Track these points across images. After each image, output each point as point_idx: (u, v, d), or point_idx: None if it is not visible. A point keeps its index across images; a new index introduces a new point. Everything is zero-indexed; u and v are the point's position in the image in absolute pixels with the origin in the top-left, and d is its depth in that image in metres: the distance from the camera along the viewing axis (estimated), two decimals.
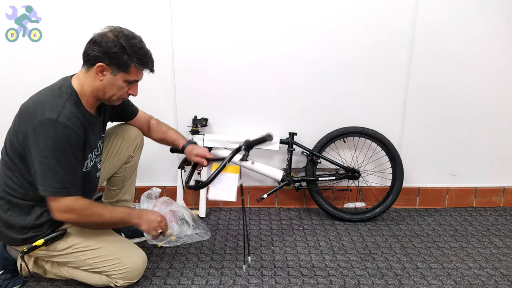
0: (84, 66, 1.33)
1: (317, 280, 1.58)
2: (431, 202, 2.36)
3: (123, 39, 1.29)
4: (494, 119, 2.26)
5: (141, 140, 1.79)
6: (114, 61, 1.29)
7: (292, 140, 2.14)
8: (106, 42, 1.28)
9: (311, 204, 2.29)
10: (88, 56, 1.30)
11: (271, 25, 2.09)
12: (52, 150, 1.22)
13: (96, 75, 1.31)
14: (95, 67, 1.29)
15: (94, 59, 1.29)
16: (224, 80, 2.16)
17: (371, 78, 2.17)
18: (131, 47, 1.30)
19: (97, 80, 1.32)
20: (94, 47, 1.28)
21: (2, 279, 1.45)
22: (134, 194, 1.87)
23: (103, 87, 1.34)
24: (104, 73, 1.31)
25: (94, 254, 1.40)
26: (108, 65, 1.30)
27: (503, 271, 1.67)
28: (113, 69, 1.31)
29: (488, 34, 2.13)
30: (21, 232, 1.33)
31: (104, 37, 1.29)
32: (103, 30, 1.32)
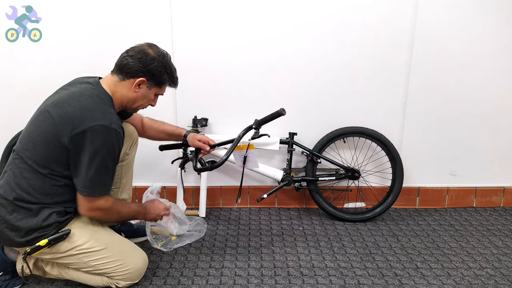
0: (118, 75, 1.40)
1: (317, 280, 1.58)
2: (431, 202, 2.36)
3: (164, 60, 1.42)
4: (494, 119, 2.26)
5: (136, 137, 1.78)
6: (155, 78, 1.42)
7: (292, 140, 2.14)
8: (152, 61, 1.38)
9: (311, 204, 2.29)
10: (130, 69, 1.38)
11: (271, 25, 2.09)
12: (104, 156, 1.30)
13: (133, 87, 1.40)
14: (135, 80, 1.39)
15: (135, 73, 1.38)
16: (224, 80, 2.16)
17: (371, 78, 2.17)
18: (170, 68, 1.45)
19: (131, 91, 1.41)
20: (138, 63, 1.37)
21: (2, 280, 1.45)
22: (131, 192, 1.86)
23: (136, 99, 1.44)
24: (141, 86, 1.41)
25: (97, 255, 1.40)
26: (148, 80, 1.41)
27: (503, 271, 1.67)
28: (150, 84, 1.43)
29: (488, 34, 2.13)
30: (25, 234, 1.32)
31: (148, 55, 1.38)
32: (141, 46, 1.41)
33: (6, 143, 2.15)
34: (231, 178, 2.31)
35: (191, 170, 2.22)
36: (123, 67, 1.39)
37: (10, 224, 1.31)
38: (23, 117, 2.16)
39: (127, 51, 1.41)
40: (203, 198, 2.16)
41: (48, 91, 2.12)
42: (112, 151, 1.32)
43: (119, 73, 1.40)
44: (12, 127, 2.15)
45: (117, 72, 1.40)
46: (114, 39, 2.09)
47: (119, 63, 1.40)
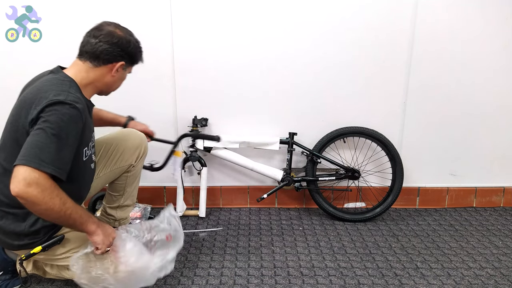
0: (93, 62, 1.33)
1: (317, 280, 1.58)
2: (431, 202, 2.36)
3: (135, 38, 1.38)
4: (494, 119, 2.26)
5: (144, 149, 1.75)
6: (132, 59, 1.39)
7: (292, 140, 2.14)
8: (129, 43, 1.35)
9: (311, 204, 2.29)
10: (109, 55, 1.32)
11: (271, 25, 2.09)
12: (53, 127, 1.16)
13: (110, 72, 1.35)
14: (116, 64, 1.34)
15: (114, 58, 1.34)
16: (224, 80, 2.16)
17: (371, 78, 2.17)
18: (140, 46, 1.41)
19: (109, 76, 1.36)
20: (116, 48, 1.32)
21: (2, 280, 1.45)
22: (136, 198, 1.85)
23: (114, 82, 1.41)
24: (119, 70, 1.37)
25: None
26: (127, 62, 1.38)
27: (503, 271, 1.67)
28: (126, 66, 1.40)
29: (488, 34, 2.13)
30: (17, 238, 1.31)
31: (123, 38, 1.34)
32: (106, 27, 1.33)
33: None
34: (231, 178, 2.31)
35: (191, 170, 2.23)
36: (100, 54, 1.31)
37: (2, 229, 1.31)
38: None
39: (96, 36, 1.31)
40: (203, 198, 2.16)
41: None
42: (66, 126, 1.18)
43: (94, 60, 1.32)
44: None
45: (90, 59, 1.32)
46: None
47: (94, 50, 1.31)
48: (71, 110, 1.19)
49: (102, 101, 2.13)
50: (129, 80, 2.10)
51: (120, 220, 1.79)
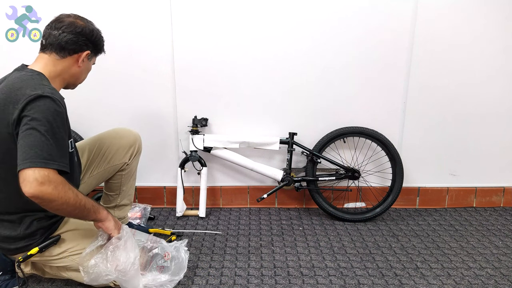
0: (59, 53, 1.31)
1: (317, 280, 1.58)
2: (431, 202, 2.36)
3: (96, 27, 1.39)
4: (494, 119, 2.26)
5: (138, 147, 1.74)
6: (96, 48, 1.40)
7: (292, 140, 2.14)
8: (92, 32, 1.36)
9: (311, 204, 2.29)
10: (75, 44, 1.32)
11: (271, 25, 2.09)
12: (43, 124, 1.15)
13: (77, 63, 1.35)
14: (82, 54, 1.34)
15: (80, 48, 1.34)
16: (224, 80, 2.16)
17: (371, 78, 2.17)
18: (100, 33, 1.42)
19: (75, 67, 1.35)
20: (81, 37, 1.33)
21: (1, 280, 1.45)
22: (133, 197, 1.85)
23: (80, 73, 1.40)
24: (84, 59, 1.37)
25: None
26: (92, 51, 1.38)
27: (503, 271, 1.67)
28: (91, 55, 1.40)
29: (488, 34, 2.13)
30: (13, 242, 1.32)
31: (85, 27, 1.34)
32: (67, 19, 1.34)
33: None
34: (231, 178, 2.31)
35: (192, 170, 2.23)
36: (65, 44, 1.30)
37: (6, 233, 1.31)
38: None
39: (58, 28, 1.30)
40: (203, 198, 2.16)
41: None
42: (54, 120, 1.18)
43: (60, 51, 1.31)
44: None
45: (55, 50, 1.31)
46: (114, 39, 2.08)
47: (58, 41, 1.30)
48: (53, 103, 1.18)
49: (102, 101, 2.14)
50: (129, 80, 2.12)
51: (120, 219, 1.80)
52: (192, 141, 2.11)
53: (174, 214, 2.20)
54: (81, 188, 1.60)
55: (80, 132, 2.09)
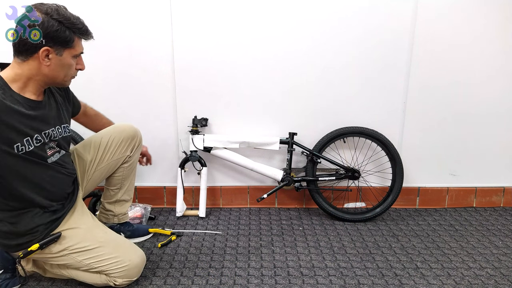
0: (19, 57, 1.23)
1: (317, 280, 1.58)
2: (431, 202, 2.36)
3: (56, 14, 1.21)
4: (494, 119, 2.26)
5: (139, 140, 1.78)
6: (57, 40, 1.22)
7: (292, 140, 2.14)
8: (42, 24, 1.19)
9: (311, 204, 2.29)
10: (26, 45, 1.19)
11: (271, 24, 2.09)
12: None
13: (42, 61, 1.22)
14: (38, 53, 1.21)
15: (34, 46, 1.20)
16: (224, 79, 2.16)
17: (371, 78, 2.17)
18: (68, 20, 1.23)
19: (43, 67, 1.24)
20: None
21: (2, 279, 1.45)
22: (133, 194, 1.86)
23: (53, 71, 1.26)
24: (50, 56, 1.23)
25: (91, 254, 1.40)
26: (52, 46, 1.22)
27: (503, 271, 1.67)
28: (58, 49, 1.24)
29: (488, 34, 2.13)
30: (15, 238, 1.32)
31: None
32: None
33: None
34: (231, 178, 2.31)
35: (191, 170, 2.23)
36: (18, 47, 1.21)
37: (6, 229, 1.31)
38: None
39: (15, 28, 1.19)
40: (203, 198, 2.16)
41: None
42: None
43: (19, 54, 1.23)
44: None
45: (16, 55, 1.24)
46: (114, 39, 2.09)
47: (13, 44, 1.21)
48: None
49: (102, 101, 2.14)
50: (129, 80, 2.12)
51: (119, 216, 1.82)
52: (192, 141, 2.11)
53: (174, 214, 2.20)
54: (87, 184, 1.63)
55: (79, 131, 2.10)
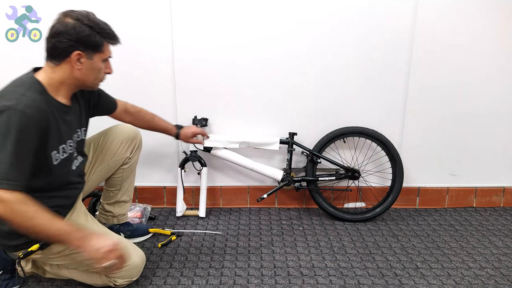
0: (52, 61, 1.27)
1: (317, 280, 1.58)
2: (431, 202, 2.36)
3: (88, 21, 1.25)
4: (494, 119, 2.26)
5: (139, 142, 1.78)
6: (88, 44, 1.25)
7: (292, 140, 2.14)
8: (74, 29, 1.22)
9: (311, 204, 2.29)
10: (59, 50, 1.23)
11: (271, 24, 2.09)
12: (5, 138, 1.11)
13: (74, 65, 1.26)
14: (71, 57, 1.24)
15: (66, 50, 1.24)
16: (224, 79, 2.16)
17: (371, 78, 2.17)
18: (97, 25, 1.27)
19: (75, 70, 1.27)
20: (62, 39, 1.22)
21: (2, 279, 1.45)
22: (132, 194, 1.86)
23: (84, 75, 1.29)
24: (81, 60, 1.26)
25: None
26: (84, 50, 1.25)
27: (503, 271, 1.67)
28: (89, 53, 1.27)
29: (488, 34, 2.13)
30: (15, 238, 1.31)
31: (67, 24, 1.22)
32: (58, 18, 1.25)
33: None
34: (231, 178, 2.31)
35: (192, 170, 2.23)
36: (51, 51, 1.25)
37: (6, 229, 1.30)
38: None
39: (48, 33, 1.25)
40: (203, 198, 2.16)
41: None
42: (15, 135, 1.12)
43: (52, 59, 1.26)
44: None
45: (49, 59, 1.27)
46: None
47: (47, 49, 1.26)
48: (21, 116, 1.13)
49: None
50: (129, 80, 2.12)
51: (118, 217, 1.82)
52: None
53: (174, 214, 2.20)
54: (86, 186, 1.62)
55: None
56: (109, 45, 1.34)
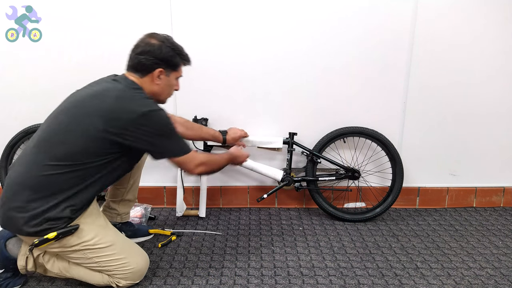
0: (137, 74, 1.44)
1: (317, 280, 1.58)
2: (431, 202, 2.36)
3: (170, 43, 1.46)
4: (494, 119, 2.26)
5: None
6: (169, 64, 1.46)
7: (292, 140, 2.14)
8: (160, 49, 1.42)
9: (311, 204, 2.29)
10: (144, 66, 1.42)
11: (271, 25, 2.09)
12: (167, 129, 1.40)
13: (154, 80, 1.45)
14: (154, 73, 1.43)
15: (151, 67, 1.43)
16: (224, 80, 2.16)
17: (371, 78, 2.17)
18: (177, 48, 1.48)
19: (154, 85, 1.46)
20: (148, 57, 1.41)
21: (3, 278, 1.45)
22: (137, 194, 1.86)
23: (161, 89, 1.49)
24: (161, 77, 1.45)
25: (102, 252, 1.40)
26: (165, 68, 1.45)
27: (503, 271, 1.67)
28: (168, 71, 1.47)
29: (488, 34, 2.13)
30: (37, 224, 1.30)
31: (154, 45, 1.42)
32: (143, 39, 1.46)
33: (6, 143, 2.15)
34: (231, 178, 2.31)
35: None
36: (137, 66, 1.43)
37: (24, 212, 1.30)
38: (23, 117, 2.17)
39: (134, 50, 1.44)
40: (203, 198, 2.16)
41: (48, 91, 2.13)
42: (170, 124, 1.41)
43: (136, 72, 1.44)
44: (12, 127, 2.15)
45: (134, 71, 1.44)
46: (114, 39, 2.09)
47: (132, 63, 1.44)
48: (163, 112, 1.40)
49: None
50: None
51: (122, 215, 1.84)
52: (193, 141, 2.11)
53: (174, 214, 2.20)
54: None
55: None
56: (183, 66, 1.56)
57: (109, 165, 1.38)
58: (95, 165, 1.35)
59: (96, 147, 1.33)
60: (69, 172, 1.32)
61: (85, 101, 1.36)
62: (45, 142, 1.35)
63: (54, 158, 1.31)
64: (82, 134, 1.32)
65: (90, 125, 1.31)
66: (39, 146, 1.35)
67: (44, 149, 1.34)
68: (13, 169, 1.39)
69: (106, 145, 1.33)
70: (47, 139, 1.35)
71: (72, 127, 1.33)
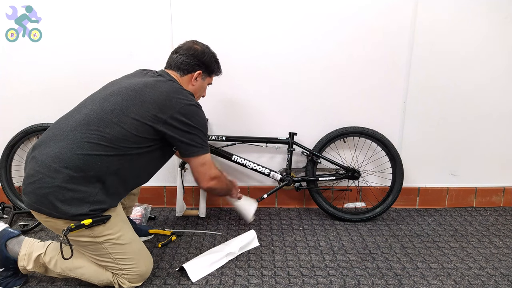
0: (178, 72, 1.57)
1: (317, 280, 1.58)
2: (431, 202, 2.36)
3: (210, 51, 1.62)
4: (494, 119, 2.26)
5: None
6: (208, 68, 1.62)
7: (292, 140, 2.14)
8: (203, 54, 1.58)
9: (311, 204, 2.29)
10: (188, 65, 1.56)
11: (271, 24, 2.09)
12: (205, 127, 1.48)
13: (192, 81, 1.59)
14: (194, 74, 1.57)
15: (193, 68, 1.57)
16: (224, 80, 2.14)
17: (371, 78, 2.17)
18: (215, 56, 1.65)
19: (191, 85, 1.59)
20: (193, 59, 1.56)
21: (3, 276, 1.45)
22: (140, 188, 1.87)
23: (196, 90, 1.61)
24: (198, 79, 1.59)
25: (120, 249, 1.40)
26: (203, 72, 1.60)
27: (503, 271, 1.67)
28: (204, 75, 1.62)
29: (488, 34, 2.13)
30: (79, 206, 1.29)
31: (198, 49, 1.57)
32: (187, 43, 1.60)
33: (6, 143, 2.15)
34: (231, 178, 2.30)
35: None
36: (181, 65, 1.55)
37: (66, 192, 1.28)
38: (23, 117, 2.17)
39: (177, 51, 1.57)
40: (203, 198, 2.16)
41: (48, 91, 2.13)
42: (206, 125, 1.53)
43: (178, 70, 1.56)
44: (12, 127, 2.15)
45: (175, 69, 1.56)
46: (115, 39, 2.09)
47: (176, 62, 1.56)
48: (201, 110, 1.48)
49: None
50: None
51: (128, 208, 1.85)
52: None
53: (174, 214, 2.20)
54: None
55: None
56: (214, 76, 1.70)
57: (146, 155, 1.42)
58: (135, 153, 1.37)
59: (144, 132, 1.37)
60: (112, 156, 1.33)
61: (140, 88, 1.41)
62: (96, 120, 1.34)
63: (103, 138, 1.32)
64: (135, 117, 1.36)
65: (145, 111, 1.37)
66: (88, 124, 1.33)
67: (94, 127, 1.33)
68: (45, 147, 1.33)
69: (150, 132, 1.38)
70: (98, 118, 1.34)
71: (131, 109, 1.36)
